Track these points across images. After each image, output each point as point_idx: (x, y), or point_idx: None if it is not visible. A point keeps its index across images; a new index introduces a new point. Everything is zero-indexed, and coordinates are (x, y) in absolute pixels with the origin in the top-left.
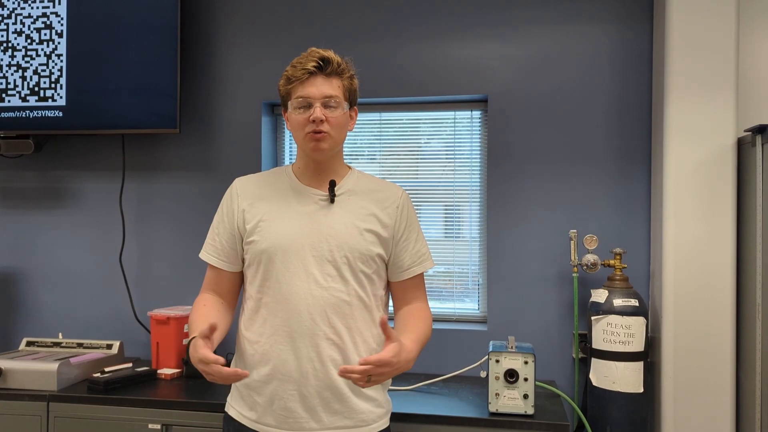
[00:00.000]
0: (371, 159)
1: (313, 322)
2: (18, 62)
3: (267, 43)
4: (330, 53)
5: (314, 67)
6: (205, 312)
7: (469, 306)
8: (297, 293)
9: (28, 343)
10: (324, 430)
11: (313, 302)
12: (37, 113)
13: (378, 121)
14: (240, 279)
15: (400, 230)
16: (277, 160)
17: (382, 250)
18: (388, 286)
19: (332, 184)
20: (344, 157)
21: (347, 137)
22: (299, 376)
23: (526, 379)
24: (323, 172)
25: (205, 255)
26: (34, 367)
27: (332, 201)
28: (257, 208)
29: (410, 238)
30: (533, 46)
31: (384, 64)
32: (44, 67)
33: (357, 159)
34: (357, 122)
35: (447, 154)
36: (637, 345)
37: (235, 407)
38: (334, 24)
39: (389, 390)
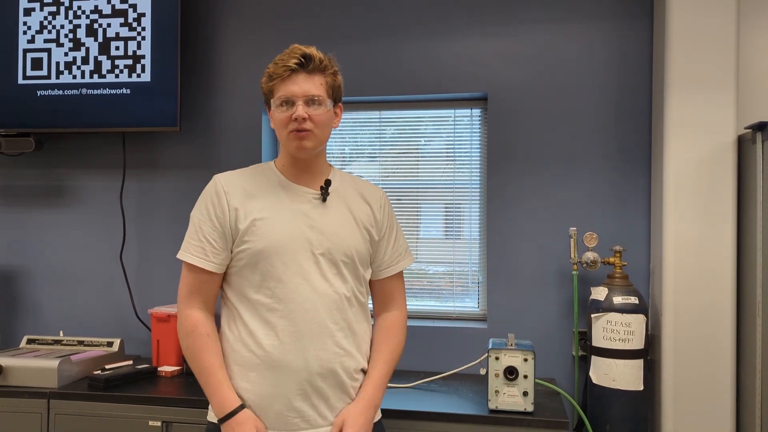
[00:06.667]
0: (371, 158)
1: (319, 321)
2: None
3: (267, 41)
4: (312, 50)
5: (296, 64)
6: (219, 363)
7: (469, 304)
8: (300, 293)
9: (29, 341)
10: (328, 425)
11: (319, 300)
12: (38, 111)
13: (378, 120)
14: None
15: (383, 229)
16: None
17: (371, 247)
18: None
19: (327, 184)
20: (345, 156)
21: (348, 136)
22: (307, 374)
23: (525, 377)
24: (308, 170)
25: (192, 257)
26: (34, 365)
27: (324, 200)
28: (249, 206)
29: (391, 237)
30: (533, 44)
31: (383, 62)
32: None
33: (357, 158)
34: (357, 121)
35: (447, 153)
36: (637, 342)
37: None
38: (333, 22)
39: (390, 387)
